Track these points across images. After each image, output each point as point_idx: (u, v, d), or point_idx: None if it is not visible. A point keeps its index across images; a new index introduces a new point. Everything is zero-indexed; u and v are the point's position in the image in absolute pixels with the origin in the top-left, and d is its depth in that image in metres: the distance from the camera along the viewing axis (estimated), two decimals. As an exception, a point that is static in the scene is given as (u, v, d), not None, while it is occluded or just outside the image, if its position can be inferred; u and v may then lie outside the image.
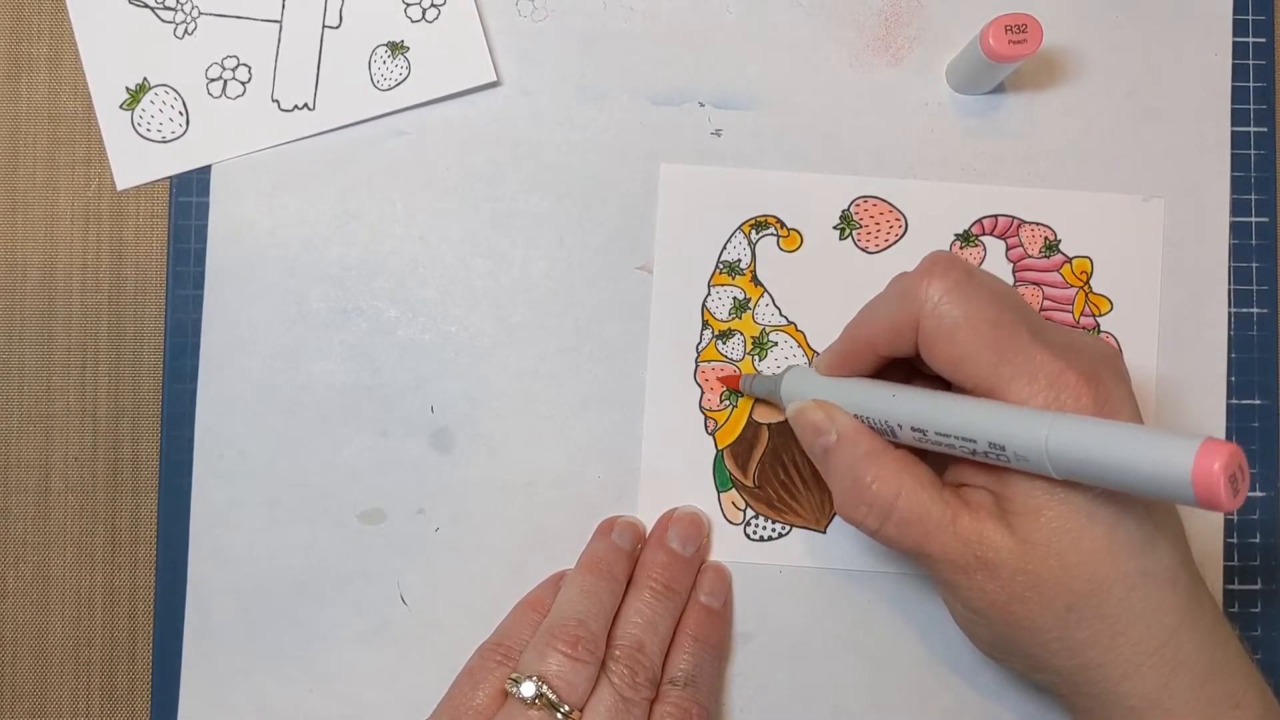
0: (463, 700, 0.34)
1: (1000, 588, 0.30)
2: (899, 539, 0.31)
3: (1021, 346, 0.29)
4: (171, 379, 0.40)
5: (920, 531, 0.31)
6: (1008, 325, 0.29)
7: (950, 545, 0.30)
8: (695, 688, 0.35)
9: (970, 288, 0.30)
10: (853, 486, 0.32)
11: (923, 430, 0.31)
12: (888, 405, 0.32)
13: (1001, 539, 0.30)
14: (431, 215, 0.40)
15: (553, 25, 0.40)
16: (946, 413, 0.30)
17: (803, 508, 0.39)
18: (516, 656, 0.35)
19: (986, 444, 0.29)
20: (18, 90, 0.41)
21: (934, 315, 0.30)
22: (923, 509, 0.31)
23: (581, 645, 0.34)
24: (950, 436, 0.30)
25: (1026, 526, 0.29)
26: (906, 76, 0.40)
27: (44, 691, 0.40)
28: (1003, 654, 0.33)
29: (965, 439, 0.29)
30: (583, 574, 0.36)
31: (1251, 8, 0.40)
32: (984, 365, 0.29)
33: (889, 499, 0.31)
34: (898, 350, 0.32)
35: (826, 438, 0.33)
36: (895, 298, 0.31)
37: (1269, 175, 0.40)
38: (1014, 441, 0.28)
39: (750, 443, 0.40)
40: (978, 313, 0.30)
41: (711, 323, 0.40)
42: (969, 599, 0.31)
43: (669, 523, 0.38)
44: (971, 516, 0.30)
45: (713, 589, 0.38)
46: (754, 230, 0.40)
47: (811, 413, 0.34)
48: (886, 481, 0.31)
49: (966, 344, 0.30)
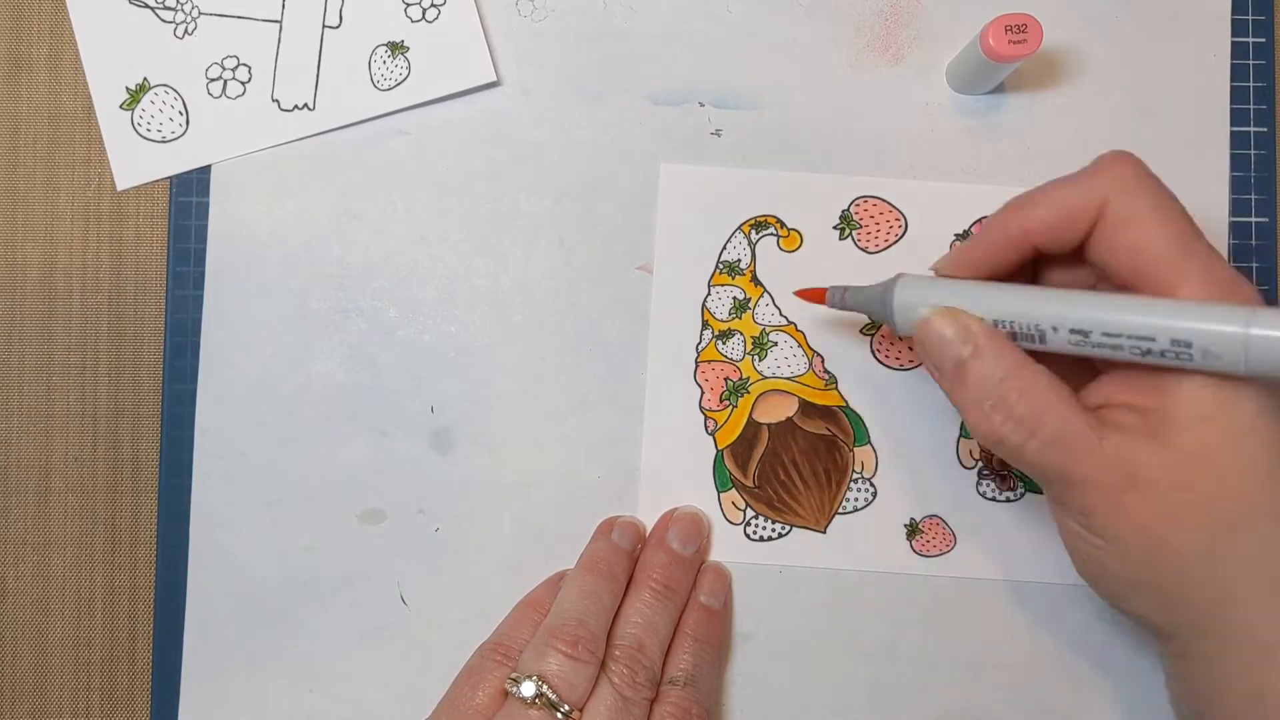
0: (462, 700, 0.34)
1: (1149, 509, 0.29)
2: (1043, 460, 0.30)
3: (1201, 246, 0.29)
4: (171, 379, 0.40)
5: (1067, 452, 0.29)
6: (1190, 223, 0.29)
7: (1099, 466, 0.29)
8: (695, 687, 0.35)
9: (1156, 182, 0.30)
10: (997, 402, 0.30)
11: (1085, 332, 0.29)
12: (1042, 305, 0.30)
13: (1155, 455, 0.29)
14: (431, 215, 0.40)
15: (553, 25, 0.40)
16: (1119, 310, 0.28)
17: (803, 508, 0.39)
18: (516, 656, 0.35)
19: (1168, 341, 0.27)
20: (18, 90, 0.41)
21: (1124, 198, 0.29)
22: (1073, 428, 0.29)
23: (581, 645, 0.34)
24: (1121, 336, 0.28)
25: (1187, 437, 0.29)
26: (906, 76, 0.40)
27: (44, 691, 0.40)
28: (1132, 589, 0.31)
29: (1141, 337, 0.28)
30: (582, 574, 0.36)
31: (1251, 8, 0.40)
32: (1168, 257, 0.29)
33: (1036, 416, 0.29)
34: (1060, 242, 0.31)
35: (962, 349, 0.30)
36: (1073, 183, 0.30)
37: (1269, 175, 0.40)
38: (1205, 337, 0.27)
39: (750, 443, 0.40)
40: (1165, 204, 0.29)
41: (711, 323, 0.40)
42: (1109, 525, 0.30)
43: (669, 523, 0.38)
44: (1120, 436, 0.29)
45: (712, 589, 0.38)
46: (754, 230, 0.40)
47: (942, 325, 0.31)
48: (1035, 398, 0.29)
49: (1153, 232, 0.29)
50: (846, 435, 0.40)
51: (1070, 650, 0.39)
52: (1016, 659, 0.39)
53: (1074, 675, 0.39)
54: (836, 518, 0.39)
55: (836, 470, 0.39)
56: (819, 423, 0.40)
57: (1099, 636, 0.39)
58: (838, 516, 0.39)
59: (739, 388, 0.40)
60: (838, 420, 0.40)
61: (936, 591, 0.39)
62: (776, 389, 0.40)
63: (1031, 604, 0.39)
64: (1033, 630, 0.39)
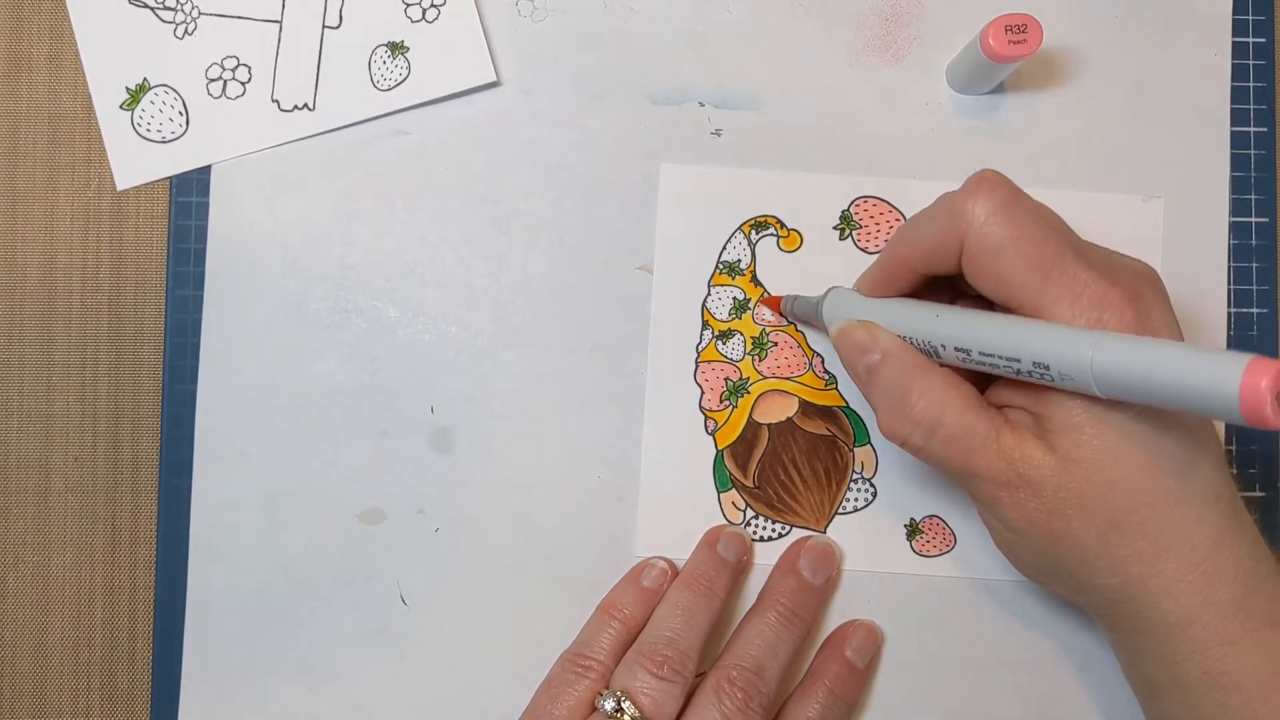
0: (542, 712, 0.35)
1: (1042, 505, 0.30)
2: (944, 455, 0.31)
3: (1066, 266, 0.29)
4: (171, 379, 0.40)
5: (965, 448, 0.31)
6: (1052, 244, 0.30)
7: (994, 462, 0.30)
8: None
9: (1016, 207, 0.30)
10: (899, 403, 0.31)
11: (966, 350, 0.30)
12: (931, 325, 0.32)
13: (1043, 457, 0.30)
14: (431, 215, 0.40)
15: (553, 25, 0.40)
16: (990, 332, 0.30)
17: (803, 508, 0.39)
18: (596, 666, 0.35)
19: (1031, 363, 0.28)
20: (18, 90, 0.41)
21: (979, 234, 0.30)
22: (968, 425, 0.31)
23: (668, 665, 0.34)
24: (994, 356, 0.30)
25: (1067, 444, 0.30)
26: (906, 76, 0.40)
27: (44, 691, 0.40)
28: (1045, 575, 0.33)
29: (1009, 358, 0.29)
30: (680, 590, 0.36)
31: (1251, 8, 0.40)
32: (1029, 284, 0.29)
33: (935, 415, 0.31)
34: (939, 269, 0.32)
35: (870, 356, 0.33)
36: (939, 216, 0.31)
37: (1269, 175, 0.40)
38: (1058, 360, 0.28)
39: (750, 443, 0.40)
40: (1023, 231, 0.30)
41: (711, 323, 0.40)
42: (1011, 518, 0.31)
43: (801, 550, 0.38)
44: (1014, 435, 0.31)
45: (860, 647, 0.38)
46: (754, 230, 0.40)
47: (855, 332, 0.33)
48: (933, 397, 0.31)
49: (1011, 263, 0.30)
50: (846, 435, 0.40)
51: (1070, 650, 0.39)
52: (1017, 659, 0.39)
53: (1074, 675, 0.39)
54: (836, 518, 0.39)
55: (836, 470, 0.39)
56: (819, 423, 0.40)
57: (1098, 637, 0.39)
58: (838, 517, 0.39)
59: (739, 388, 0.40)
60: (838, 420, 0.40)
61: (937, 591, 0.39)
62: (776, 389, 0.40)
63: (1031, 604, 0.39)
64: (1033, 630, 0.39)
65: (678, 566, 0.38)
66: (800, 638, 0.37)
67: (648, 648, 0.35)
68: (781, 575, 0.38)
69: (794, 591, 0.37)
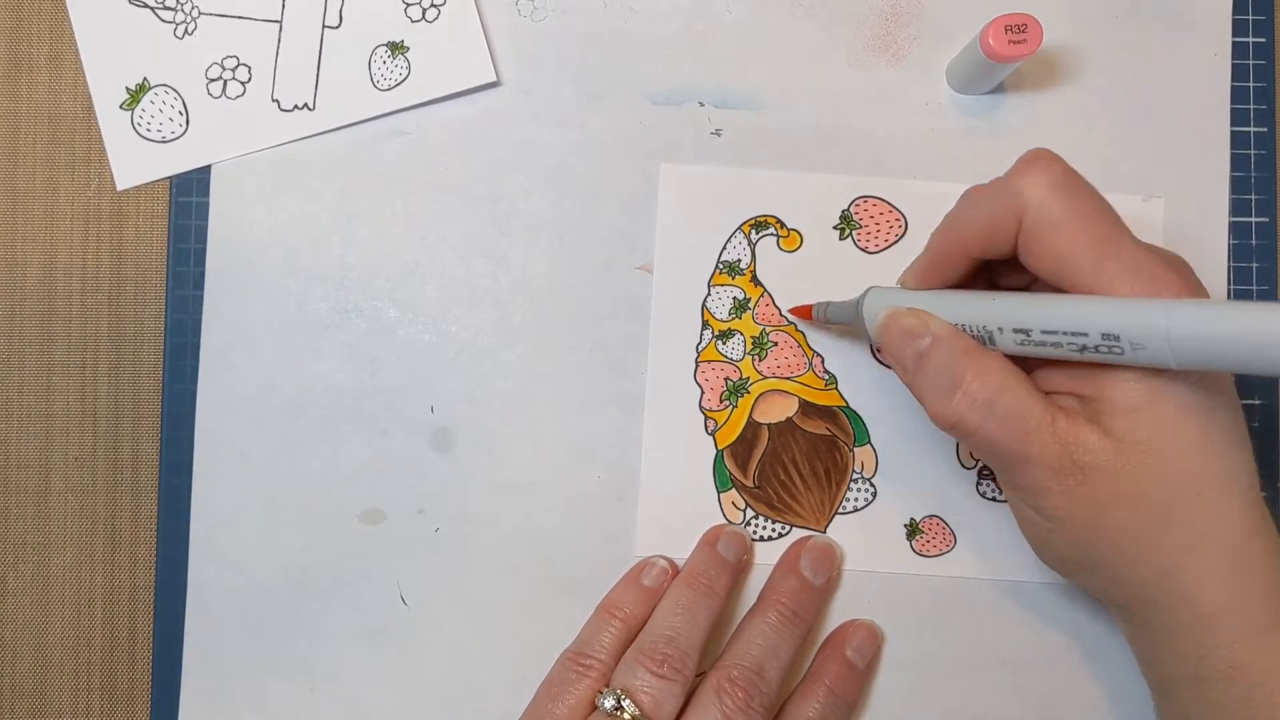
0: (543, 711, 0.35)
1: (1092, 492, 0.30)
2: (998, 438, 0.31)
3: (1125, 244, 0.29)
4: (171, 379, 0.40)
5: (1021, 431, 0.30)
6: (1110, 223, 0.30)
7: (1050, 446, 0.30)
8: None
9: (1072, 184, 0.30)
10: (952, 384, 0.31)
11: (1026, 331, 0.30)
12: (986, 308, 0.31)
13: (1098, 441, 0.30)
14: (431, 215, 0.40)
15: (553, 25, 0.40)
16: (1053, 309, 0.29)
17: (802, 508, 0.39)
18: (596, 665, 0.35)
19: (1099, 336, 0.28)
20: (18, 90, 0.41)
21: (1037, 210, 0.30)
22: (1025, 407, 0.30)
23: (668, 664, 0.34)
24: (1058, 334, 0.29)
25: (1123, 425, 0.29)
26: (906, 76, 0.40)
27: (44, 691, 0.40)
28: (1078, 566, 0.33)
29: (1075, 334, 0.29)
30: (680, 588, 0.36)
31: (1251, 8, 0.40)
32: (1088, 261, 0.29)
33: (991, 395, 0.30)
34: (993, 250, 0.32)
35: (921, 341, 0.32)
36: (994, 195, 0.31)
37: (1269, 175, 0.40)
38: (1132, 330, 0.27)
39: (750, 443, 0.40)
40: (1081, 207, 0.30)
41: (711, 323, 0.40)
42: (1056, 506, 0.31)
43: (801, 550, 0.38)
44: (1068, 420, 0.30)
45: (860, 647, 0.38)
46: (754, 230, 0.40)
47: (903, 318, 0.33)
48: (990, 377, 0.30)
49: (1071, 239, 0.29)
50: (846, 435, 0.40)
51: (1070, 650, 0.39)
52: (1017, 659, 0.39)
53: (1074, 675, 0.39)
54: (836, 518, 0.39)
55: (836, 470, 0.39)
56: (819, 423, 0.40)
57: (1099, 636, 0.39)
58: (838, 516, 0.39)
59: (739, 388, 0.40)
60: (838, 420, 0.40)
61: (937, 591, 0.39)
62: (776, 389, 0.40)
63: (1031, 604, 0.39)
64: (1033, 630, 0.39)
65: (678, 566, 0.38)
66: (801, 637, 0.37)
67: (648, 646, 0.35)
68: (782, 575, 0.38)
69: (795, 591, 0.37)
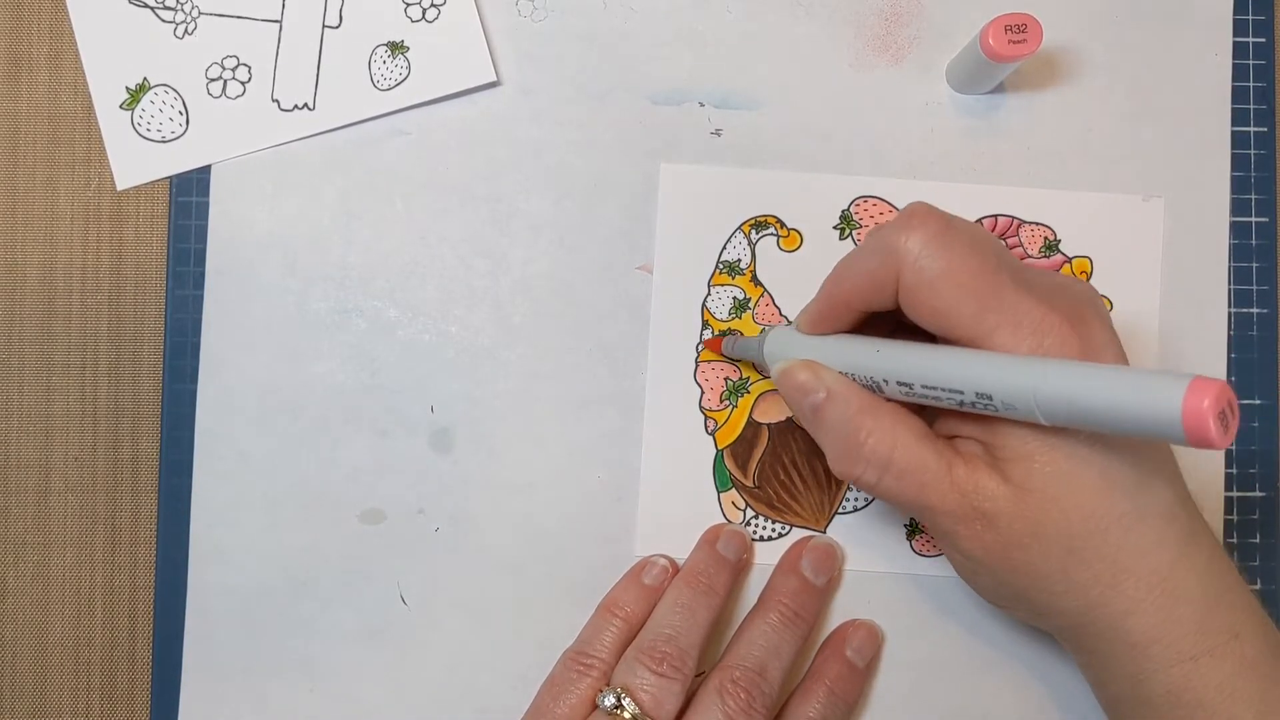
0: (545, 711, 0.35)
1: (998, 536, 0.30)
2: (898, 491, 0.31)
3: (1004, 294, 0.29)
4: (171, 379, 0.40)
5: (918, 483, 0.30)
6: (989, 273, 0.29)
7: (948, 495, 0.30)
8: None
9: (949, 237, 0.30)
10: (847, 442, 0.31)
11: (909, 384, 0.30)
12: (872, 360, 0.31)
13: (996, 487, 0.30)
14: (431, 215, 0.40)
15: (553, 25, 0.40)
16: (932, 365, 0.29)
17: (802, 508, 0.39)
18: (597, 664, 0.35)
19: (974, 394, 0.28)
20: (18, 90, 0.41)
21: (914, 268, 0.30)
22: (920, 460, 0.30)
23: (667, 662, 0.34)
24: (937, 389, 0.29)
25: (1019, 473, 0.29)
26: (906, 76, 0.40)
27: (44, 691, 0.40)
28: (1007, 602, 0.33)
29: (952, 390, 0.29)
30: (680, 587, 0.36)
31: (1251, 8, 0.40)
32: (966, 315, 0.29)
33: (885, 452, 0.31)
34: (877, 305, 0.32)
35: (815, 396, 0.32)
36: (874, 252, 0.31)
37: (1269, 175, 0.40)
38: (1001, 390, 0.27)
39: (750, 443, 0.40)
40: (958, 262, 0.29)
41: (711, 323, 0.40)
42: (969, 549, 0.31)
43: (803, 551, 0.38)
44: (966, 467, 0.30)
45: (860, 647, 0.38)
46: (754, 230, 0.40)
47: (797, 373, 0.33)
48: (882, 435, 0.31)
49: (948, 295, 0.29)
50: None
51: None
52: (1016, 659, 0.39)
53: (1074, 676, 0.39)
54: (836, 518, 0.39)
55: None
56: None
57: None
58: (837, 516, 0.39)
59: (739, 388, 0.40)
60: None
61: (937, 592, 0.39)
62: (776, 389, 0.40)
63: None
64: (1032, 631, 0.39)
65: (678, 565, 0.38)
66: (802, 638, 0.37)
67: (647, 645, 0.35)
68: (784, 576, 0.38)
69: (796, 592, 0.37)
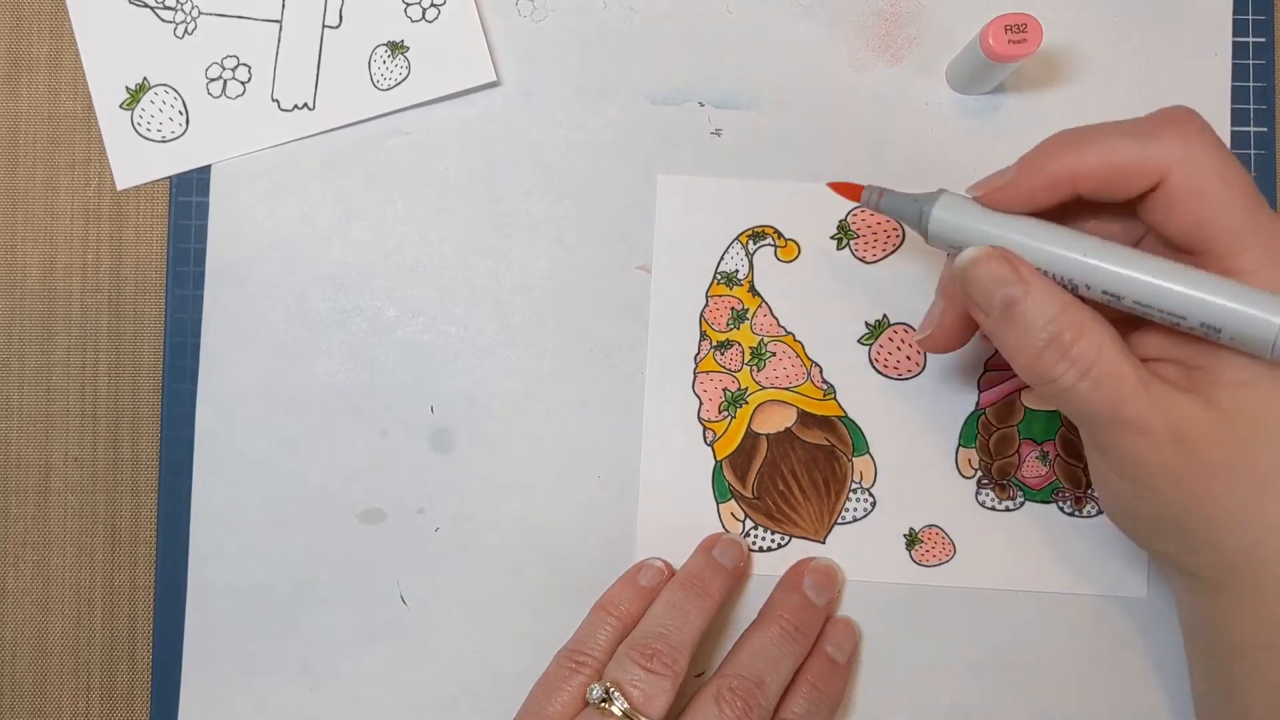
0: (537, 708, 0.35)
1: (1189, 460, 0.29)
2: (1093, 401, 0.29)
3: (1263, 216, 0.28)
4: (171, 379, 0.40)
5: (1117, 394, 0.29)
6: (1252, 191, 0.28)
7: (1147, 411, 0.29)
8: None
9: (1222, 148, 0.29)
10: (1049, 342, 0.29)
11: (1118, 296, 0.29)
12: (1079, 265, 0.29)
13: (1199, 411, 0.29)
14: (431, 215, 0.40)
15: (553, 25, 0.40)
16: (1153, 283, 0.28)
17: (801, 518, 0.39)
18: (590, 662, 0.35)
19: (1199, 323, 0.27)
20: (18, 90, 0.41)
21: (1186, 168, 0.28)
22: (1123, 371, 0.29)
23: (657, 658, 0.34)
24: (1151, 308, 0.28)
25: (1229, 399, 0.29)
26: (906, 76, 0.40)
27: (44, 691, 0.40)
28: (1160, 534, 0.32)
29: (1173, 314, 0.28)
30: (674, 589, 0.37)
31: (1251, 7, 0.40)
32: (1226, 229, 0.28)
33: (1090, 356, 0.29)
34: (1107, 196, 0.30)
35: (1012, 288, 0.30)
36: (1132, 138, 0.29)
37: (1269, 175, 0.40)
38: (1236, 326, 0.27)
39: (749, 453, 0.39)
40: (1233, 173, 0.28)
41: (710, 333, 0.40)
42: (1148, 472, 0.30)
43: (805, 570, 0.38)
44: (1166, 388, 0.29)
45: (840, 642, 0.38)
46: (751, 241, 0.40)
47: (993, 263, 0.30)
48: (1090, 337, 0.29)
49: (1217, 202, 0.28)
50: (845, 445, 0.39)
51: (1071, 658, 0.39)
52: (1017, 667, 0.39)
53: (1074, 683, 0.39)
54: (836, 528, 0.39)
55: (835, 480, 0.39)
56: (817, 433, 0.39)
57: (1099, 645, 0.39)
58: (837, 527, 0.39)
59: (737, 398, 0.39)
60: (836, 430, 0.39)
61: (937, 601, 0.39)
62: (775, 399, 0.39)
63: (1032, 613, 0.39)
64: (1033, 638, 0.39)
65: (674, 568, 0.38)
66: (801, 654, 0.37)
67: (639, 641, 0.35)
68: (786, 592, 0.38)
69: (798, 608, 0.37)
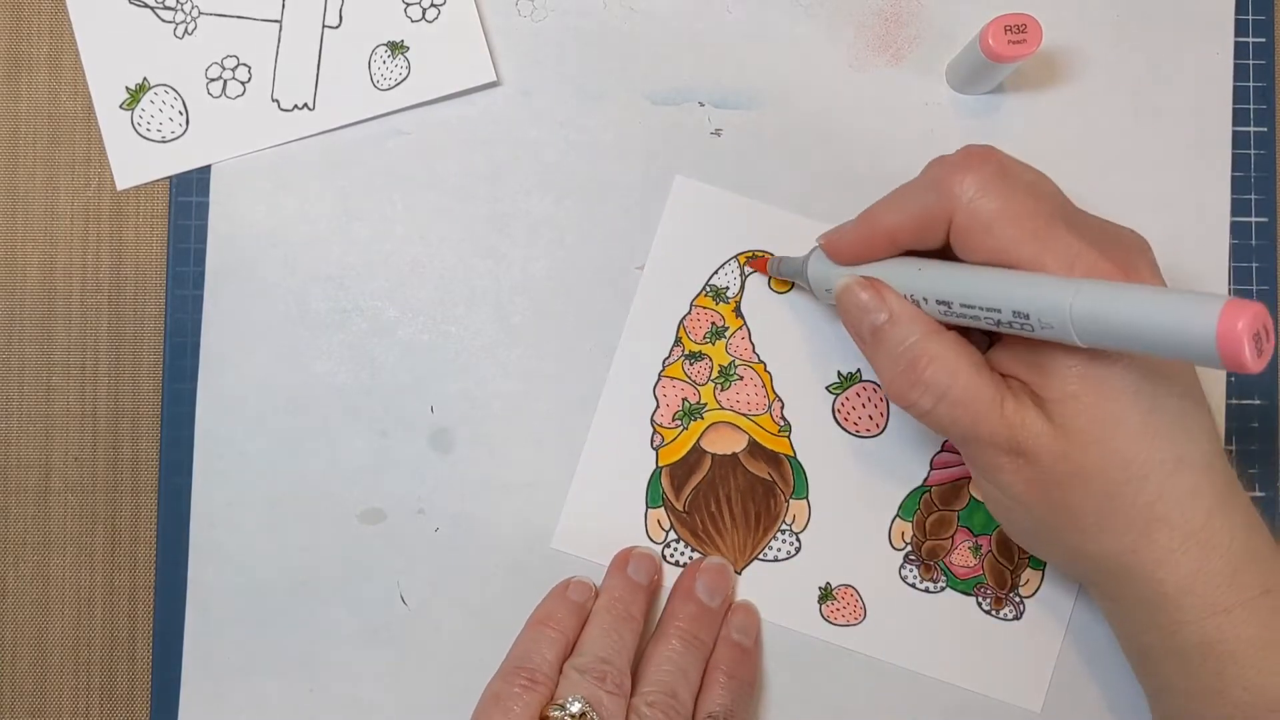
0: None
1: (1039, 473, 0.31)
2: (950, 420, 0.31)
3: (1058, 236, 0.30)
4: (171, 379, 0.40)
5: (972, 414, 0.31)
6: (1044, 216, 0.30)
7: (998, 429, 0.31)
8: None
9: (1006, 180, 0.30)
10: (908, 368, 0.31)
11: (948, 303, 0.31)
12: (914, 279, 0.32)
13: (1041, 426, 0.30)
14: (431, 215, 0.40)
15: (553, 25, 0.40)
16: (971, 283, 0.30)
17: (725, 544, 0.39)
18: (542, 679, 0.35)
19: (1010, 313, 0.29)
20: (18, 90, 0.41)
21: (969, 210, 0.30)
22: (976, 391, 0.31)
23: (610, 679, 0.34)
24: (975, 308, 0.30)
25: (1063, 414, 0.30)
26: (906, 76, 0.40)
27: (44, 691, 0.40)
28: (1041, 544, 0.34)
29: (990, 309, 0.29)
30: (601, 615, 0.37)
31: (1252, 8, 0.40)
32: (1024, 256, 0.30)
33: (945, 380, 0.31)
34: (922, 244, 0.32)
35: (877, 316, 0.32)
36: (927, 190, 0.31)
37: (1269, 175, 0.40)
38: (1038, 308, 0.28)
39: (691, 468, 0.39)
40: (1015, 205, 0.30)
41: (685, 341, 0.39)
42: (1010, 484, 0.31)
43: (696, 573, 0.38)
44: (1016, 402, 0.31)
45: (743, 627, 0.38)
46: (749, 263, 0.40)
47: (859, 291, 0.33)
48: (944, 363, 0.31)
49: (1004, 237, 0.30)
50: (786, 484, 0.39)
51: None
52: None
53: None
54: (755, 563, 0.39)
55: (768, 516, 0.39)
56: (763, 465, 0.39)
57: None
58: (756, 562, 0.39)
59: (694, 410, 0.39)
60: (782, 468, 0.39)
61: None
62: (730, 422, 0.39)
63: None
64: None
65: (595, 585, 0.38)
66: (705, 658, 0.37)
67: (589, 666, 0.35)
68: (681, 601, 0.38)
69: (694, 617, 0.37)
